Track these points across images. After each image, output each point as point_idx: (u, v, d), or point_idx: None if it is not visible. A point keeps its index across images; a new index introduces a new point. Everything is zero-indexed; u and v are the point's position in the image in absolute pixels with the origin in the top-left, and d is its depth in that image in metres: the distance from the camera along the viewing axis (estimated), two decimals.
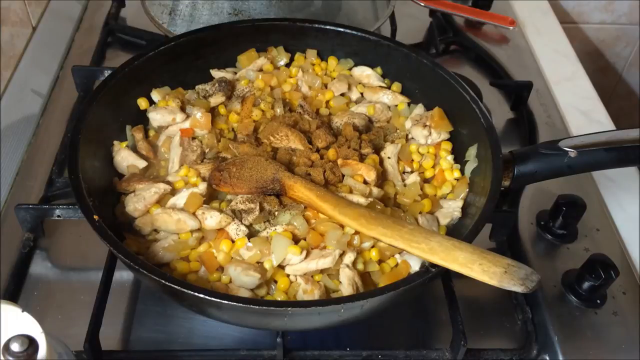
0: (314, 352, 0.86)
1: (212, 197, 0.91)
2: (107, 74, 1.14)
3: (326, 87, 1.09)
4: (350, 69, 1.12)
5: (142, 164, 0.94)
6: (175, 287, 0.72)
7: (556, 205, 1.00)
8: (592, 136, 0.89)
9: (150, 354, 0.85)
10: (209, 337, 0.89)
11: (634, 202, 1.11)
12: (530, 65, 1.39)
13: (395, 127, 1.05)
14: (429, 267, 0.77)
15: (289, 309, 0.71)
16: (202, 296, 0.71)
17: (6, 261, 0.94)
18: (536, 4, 1.60)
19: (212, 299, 0.71)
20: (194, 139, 0.97)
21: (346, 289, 0.80)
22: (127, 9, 1.46)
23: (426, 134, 1.00)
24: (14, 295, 0.91)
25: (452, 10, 1.44)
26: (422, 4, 1.45)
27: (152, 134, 1.01)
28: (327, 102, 1.07)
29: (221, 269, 0.83)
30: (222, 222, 0.85)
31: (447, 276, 0.89)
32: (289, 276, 0.82)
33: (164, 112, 0.99)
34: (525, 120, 1.23)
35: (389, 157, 0.97)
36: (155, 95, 1.02)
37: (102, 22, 1.40)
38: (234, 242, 0.84)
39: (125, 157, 0.94)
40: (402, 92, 1.08)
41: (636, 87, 2.04)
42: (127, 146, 0.96)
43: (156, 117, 0.99)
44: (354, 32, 1.09)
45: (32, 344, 0.58)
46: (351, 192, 0.89)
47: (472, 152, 0.95)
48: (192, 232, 0.85)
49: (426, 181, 0.97)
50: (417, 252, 0.76)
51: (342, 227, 0.84)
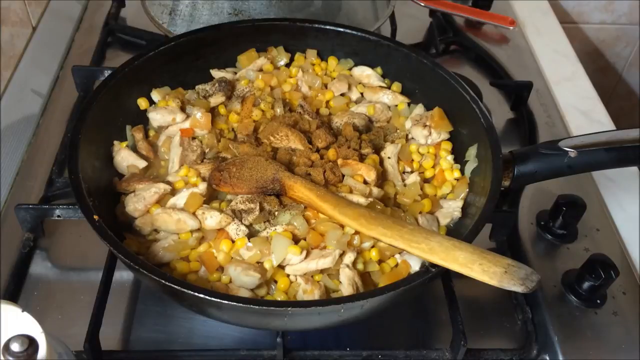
0: (314, 352, 0.86)
1: (212, 197, 0.91)
2: (107, 74, 1.14)
3: (326, 87, 1.09)
4: (350, 69, 1.12)
5: (142, 164, 0.94)
6: (175, 287, 0.72)
7: (556, 205, 1.00)
8: (592, 136, 0.89)
9: (150, 354, 0.85)
10: (209, 337, 0.89)
11: (634, 202, 1.11)
12: (530, 65, 1.39)
13: (395, 127, 1.05)
14: (429, 267, 0.77)
15: (289, 309, 0.71)
16: (202, 296, 0.71)
17: (6, 261, 0.94)
18: (536, 4, 1.60)
19: (212, 299, 0.71)
20: (194, 139, 0.97)
21: (346, 289, 0.80)
22: (127, 9, 1.46)
23: (426, 134, 1.00)
24: (14, 295, 0.91)
25: (452, 10, 1.44)
26: (422, 4, 1.45)
27: (152, 134, 1.01)
28: (327, 102, 1.07)
29: (221, 269, 0.83)
30: (222, 222, 0.85)
31: (447, 276, 0.89)
32: (289, 276, 0.82)
33: (164, 112, 0.99)
34: (525, 120, 1.23)
35: (389, 157, 0.97)
36: (155, 95, 1.02)
37: (102, 22, 1.40)
38: (234, 242, 0.84)
39: (125, 157, 0.94)
40: (402, 92, 1.08)
41: (636, 87, 2.04)
42: (127, 146, 0.96)
43: (156, 117, 0.99)
44: (354, 32, 1.09)
45: (32, 344, 0.58)
46: (351, 192, 0.89)
47: (472, 152, 0.95)
48: (192, 232, 0.85)
49: (426, 181, 0.97)
50: (417, 252, 0.76)
51: (342, 227, 0.84)
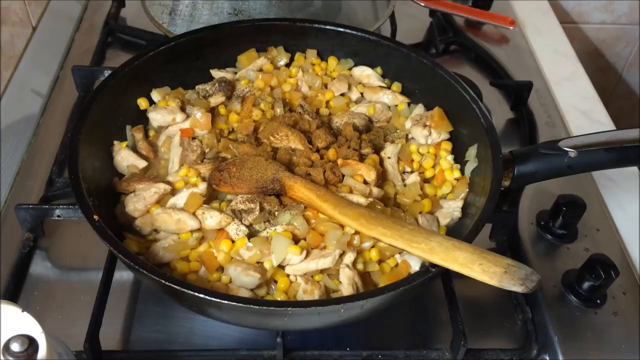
0: (314, 352, 0.86)
1: (212, 197, 0.91)
2: (107, 74, 1.14)
3: (326, 87, 1.09)
4: (350, 69, 1.12)
5: (142, 164, 0.94)
6: (175, 287, 0.72)
7: (556, 205, 1.00)
8: (592, 136, 0.89)
9: (150, 354, 0.85)
10: (209, 337, 0.89)
11: (634, 202, 1.11)
12: (530, 65, 1.39)
13: (395, 127, 1.05)
14: (429, 267, 0.77)
15: (289, 309, 0.71)
16: (202, 296, 0.71)
17: (6, 261, 0.94)
18: (536, 4, 1.60)
19: (212, 299, 0.71)
20: (194, 139, 0.97)
21: (346, 289, 0.80)
22: (127, 9, 1.46)
23: (426, 134, 1.00)
24: (14, 295, 0.91)
25: (452, 10, 1.44)
26: (422, 4, 1.45)
27: (152, 134, 1.01)
28: (327, 102, 1.07)
29: (221, 269, 0.83)
30: (222, 222, 0.85)
31: (447, 276, 0.89)
32: (289, 276, 0.82)
33: (164, 112, 0.99)
34: (525, 120, 1.23)
35: (389, 157, 0.97)
36: (155, 95, 1.02)
37: (102, 22, 1.40)
38: (234, 242, 0.84)
39: (125, 157, 0.94)
40: (402, 92, 1.08)
41: (636, 87, 2.04)
42: (127, 146, 0.96)
43: (156, 117, 0.99)
44: (354, 32, 1.09)
45: (32, 344, 0.58)
46: (351, 192, 0.89)
47: (472, 152, 0.95)
48: (192, 232, 0.85)
49: (426, 181, 0.97)
50: (417, 252, 0.76)
51: (342, 227, 0.84)
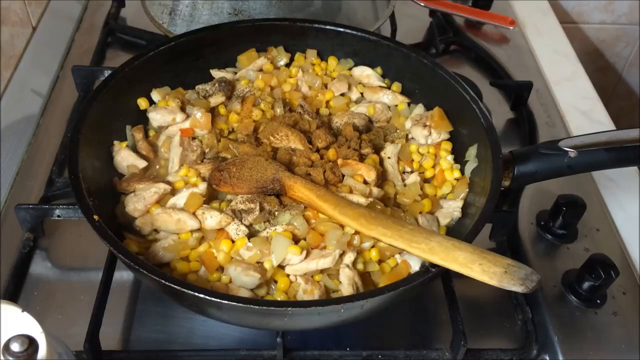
0: (314, 352, 0.86)
1: (212, 197, 0.91)
2: (107, 74, 1.14)
3: (326, 87, 1.09)
4: (350, 69, 1.12)
5: (142, 164, 0.94)
6: (175, 287, 0.72)
7: (556, 205, 1.00)
8: (592, 136, 0.89)
9: (150, 354, 0.85)
10: (209, 337, 0.89)
11: (634, 202, 1.11)
12: (530, 65, 1.39)
13: (395, 127, 1.05)
14: (429, 267, 0.77)
15: (289, 309, 0.71)
16: (202, 296, 0.71)
17: (6, 261, 0.94)
18: (536, 4, 1.60)
19: (212, 299, 0.71)
20: (194, 139, 0.97)
21: (346, 289, 0.80)
22: (127, 9, 1.46)
23: (426, 134, 1.00)
24: (14, 295, 0.91)
25: (452, 10, 1.44)
26: (422, 4, 1.45)
27: (152, 134, 1.01)
28: (327, 102, 1.07)
29: (221, 269, 0.83)
30: (222, 222, 0.85)
31: (447, 276, 0.89)
32: (289, 276, 0.82)
33: (164, 112, 0.99)
34: (525, 120, 1.23)
35: (389, 157, 0.97)
36: (155, 95, 1.02)
37: (102, 22, 1.40)
38: (234, 242, 0.84)
39: (125, 157, 0.94)
40: (402, 92, 1.08)
41: (636, 87, 2.04)
42: (127, 146, 0.96)
43: (156, 117, 0.99)
44: (354, 32, 1.09)
45: (32, 344, 0.58)
46: (351, 192, 0.89)
47: (472, 152, 0.95)
48: (192, 232, 0.85)
49: (426, 181, 0.97)
50: (417, 252, 0.76)
51: (342, 227, 0.84)
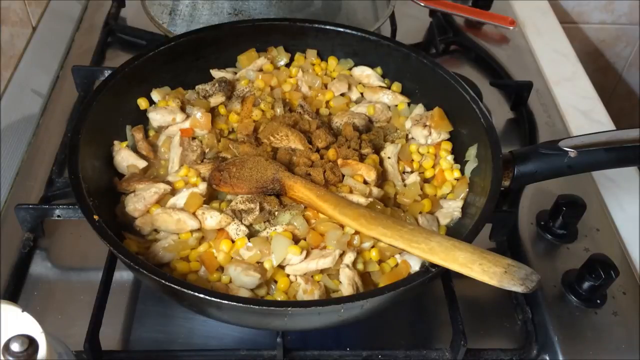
0: (314, 352, 0.86)
1: (212, 197, 0.91)
2: (107, 74, 1.14)
3: (326, 87, 1.09)
4: (350, 69, 1.12)
5: (142, 164, 0.94)
6: (175, 287, 0.72)
7: (556, 205, 1.00)
8: (592, 136, 0.89)
9: (150, 354, 0.85)
10: (209, 337, 0.89)
11: (634, 202, 1.11)
12: (530, 65, 1.39)
13: (395, 127, 1.05)
14: (429, 267, 0.77)
15: (289, 309, 0.71)
16: (202, 296, 0.71)
17: (6, 261, 0.94)
18: (536, 4, 1.60)
19: (212, 299, 0.71)
20: (194, 139, 0.97)
21: (346, 289, 0.80)
22: (127, 9, 1.46)
23: (426, 134, 1.00)
24: (14, 295, 0.91)
25: (452, 10, 1.44)
26: (422, 4, 1.45)
27: (152, 134, 1.01)
28: (327, 102, 1.07)
29: (221, 269, 0.83)
30: (222, 222, 0.85)
31: (447, 276, 0.89)
32: (289, 276, 0.82)
33: (164, 112, 0.99)
34: (525, 120, 1.23)
35: (389, 157, 0.97)
36: (155, 95, 1.02)
37: (102, 22, 1.40)
38: (234, 242, 0.84)
39: (125, 157, 0.94)
40: (402, 92, 1.08)
41: (636, 87, 2.04)
42: (127, 146, 0.96)
43: (156, 117, 0.99)
44: (354, 32, 1.09)
45: (32, 344, 0.58)
46: (351, 192, 0.89)
47: (472, 152, 0.95)
48: (192, 232, 0.85)
49: (426, 181, 0.97)
50: (417, 252, 0.76)
51: (342, 227, 0.84)
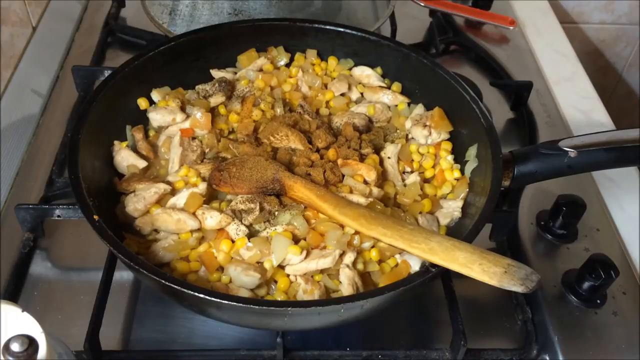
0: (314, 352, 0.86)
1: (212, 197, 0.91)
2: (107, 74, 1.14)
3: (326, 87, 1.09)
4: (350, 69, 1.12)
5: (142, 164, 0.94)
6: (175, 287, 0.72)
7: (556, 205, 1.00)
8: (592, 136, 0.89)
9: (150, 354, 0.85)
10: (209, 337, 0.89)
11: (634, 202, 1.11)
12: (530, 65, 1.39)
13: (395, 127, 1.05)
14: (429, 267, 0.77)
15: (289, 309, 0.71)
16: (202, 296, 0.71)
17: (6, 261, 0.94)
18: (536, 4, 1.60)
19: (212, 299, 0.71)
20: (194, 139, 0.97)
21: (346, 289, 0.80)
22: (127, 9, 1.46)
23: (426, 134, 1.00)
24: (14, 295, 0.91)
25: (452, 10, 1.44)
26: (422, 4, 1.45)
27: (152, 134, 1.01)
28: (327, 102, 1.07)
29: (221, 269, 0.83)
30: (222, 222, 0.85)
31: (447, 276, 0.89)
32: (289, 276, 0.82)
33: (164, 112, 0.99)
34: (525, 120, 1.23)
35: (389, 157, 0.97)
36: (155, 95, 1.02)
37: (102, 22, 1.40)
38: (234, 242, 0.84)
39: (125, 157, 0.94)
40: (402, 92, 1.08)
41: (636, 87, 2.04)
42: (127, 146, 0.96)
43: (156, 117, 0.99)
44: (354, 32, 1.09)
45: (32, 344, 0.58)
46: (351, 192, 0.89)
47: (472, 152, 0.95)
48: (192, 232, 0.85)
49: (426, 181, 0.97)
50: (417, 252, 0.76)
51: (342, 227, 0.84)
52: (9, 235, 0.97)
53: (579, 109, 1.30)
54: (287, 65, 1.12)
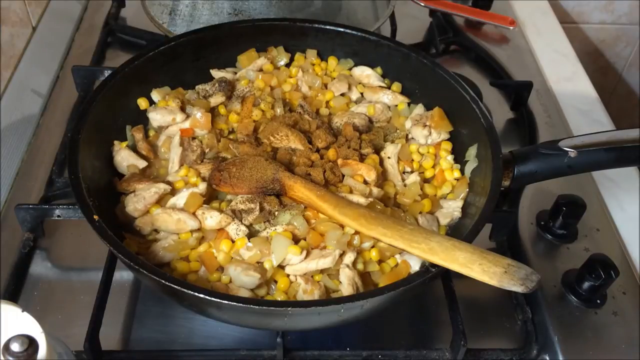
0: (314, 352, 0.86)
1: (212, 197, 0.91)
2: (107, 74, 1.14)
3: (326, 87, 1.09)
4: (350, 69, 1.12)
5: (142, 164, 0.94)
6: (175, 287, 0.72)
7: (556, 205, 1.00)
8: (592, 136, 0.89)
9: (150, 354, 0.85)
10: (209, 337, 0.89)
11: (634, 202, 1.11)
12: (530, 65, 1.39)
13: (395, 127, 1.05)
14: (429, 267, 0.77)
15: (289, 309, 0.71)
16: (202, 296, 0.71)
17: (6, 261, 0.94)
18: (536, 4, 1.60)
19: (212, 299, 0.71)
20: (194, 139, 0.97)
21: (346, 289, 0.80)
22: (127, 9, 1.46)
23: (426, 134, 1.00)
24: (14, 295, 0.91)
25: (452, 10, 1.44)
26: (422, 4, 1.45)
27: (152, 134, 1.01)
28: (327, 102, 1.07)
29: (221, 269, 0.83)
30: (222, 222, 0.85)
31: (447, 276, 0.89)
32: (289, 276, 0.82)
33: (164, 112, 0.99)
34: (525, 120, 1.23)
35: (389, 157, 0.97)
36: (155, 95, 1.02)
37: (102, 22, 1.40)
38: (234, 242, 0.84)
39: (125, 157, 0.94)
40: (402, 92, 1.08)
41: (636, 87, 2.04)
42: (127, 146, 0.96)
43: (156, 117, 0.99)
44: (354, 32, 1.09)
45: (32, 344, 0.58)
46: (351, 192, 0.89)
47: (472, 152, 0.96)
48: (192, 232, 0.85)
49: (426, 181, 0.97)
50: (417, 252, 0.76)
51: (342, 227, 0.84)
52: (9, 235, 0.97)
53: (579, 109, 1.30)
54: (287, 65, 1.12)
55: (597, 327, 0.90)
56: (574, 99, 1.32)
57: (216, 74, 1.08)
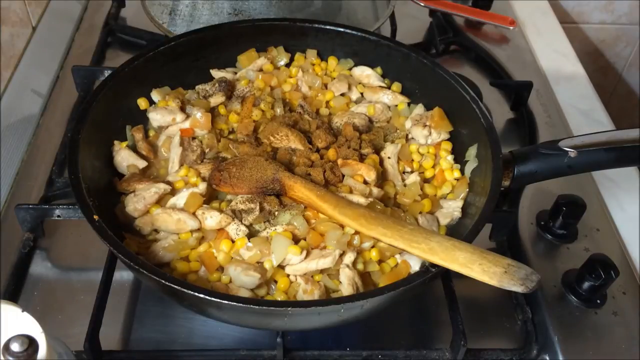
0: (314, 352, 0.86)
1: (212, 197, 0.91)
2: (107, 74, 1.15)
3: (326, 87, 1.09)
4: (350, 69, 1.12)
5: (142, 164, 0.94)
6: (175, 287, 0.72)
7: (556, 205, 1.00)
8: (592, 136, 0.89)
9: (150, 354, 0.85)
10: (209, 337, 0.89)
11: (634, 202, 1.11)
12: (530, 65, 1.39)
13: (395, 127, 1.05)
14: (429, 267, 0.77)
15: (289, 309, 0.71)
16: (202, 296, 0.71)
17: (6, 261, 0.94)
18: (536, 4, 1.60)
19: (212, 299, 0.71)
20: (194, 139, 0.97)
21: (346, 289, 0.80)
22: (127, 9, 1.46)
23: (426, 134, 1.00)
24: (14, 295, 0.91)
25: (452, 10, 1.44)
26: (422, 4, 1.45)
27: (152, 134, 1.01)
28: (327, 102, 1.07)
29: (221, 269, 0.83)
30: (222, 222, 0.85)
31: (447, 276, 0.89)
32: (289, 276, 0.82)
33: (164, 112, 0.99)
34: (525, 120, 1.23)
35: (389, 157, 0.97)
36: (155, 95, 1.02)
37: (102, 22, 1.40)
38: (234, 242, 0.84)
39: (125, 157, 0.94)
40: (402, 92, 1.08)
41: (636, 87, 2.04)
42: (127, 146, 0.96)
43: (156, 117, 0.99)
44: (354, 32, 1.09)
45: (32, 344, 0.58)
46: (351, 192, 0.89)
47: (472, 152, 0.96)
48: (192, 232, 0.85)
49: (426, 181, 0.97)
50: (417, 252, 0.76)
51: (342, 227, 0.84)
52: (9, 235, 0.97)
53: (579, 109, 1.30)
54: (287, 65, 1.12)
55: (597, 327, 0.90)
56: (574, 99, 1.32)
57: (216, 74, 1.08)
